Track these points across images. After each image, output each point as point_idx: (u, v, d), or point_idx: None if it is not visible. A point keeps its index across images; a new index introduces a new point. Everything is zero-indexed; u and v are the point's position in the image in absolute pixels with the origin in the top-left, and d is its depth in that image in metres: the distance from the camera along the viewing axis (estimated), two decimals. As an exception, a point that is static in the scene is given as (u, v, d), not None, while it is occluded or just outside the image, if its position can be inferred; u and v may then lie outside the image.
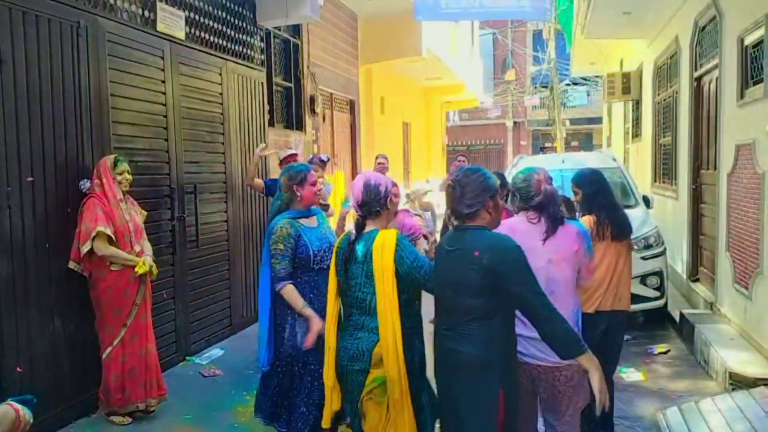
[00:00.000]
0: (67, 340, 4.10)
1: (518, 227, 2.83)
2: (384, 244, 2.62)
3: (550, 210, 2.80)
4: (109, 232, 3.94)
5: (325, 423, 2.86)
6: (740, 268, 5.10)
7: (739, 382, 4.27)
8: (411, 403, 2.63)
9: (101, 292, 4.02)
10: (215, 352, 5.62)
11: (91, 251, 3.93)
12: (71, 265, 4.01)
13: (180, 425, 4.19)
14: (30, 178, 3.84)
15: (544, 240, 2.76)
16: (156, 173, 5.03)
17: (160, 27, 5.12)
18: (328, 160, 6.86)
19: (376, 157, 8.01)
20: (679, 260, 7.33)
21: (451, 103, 20.14)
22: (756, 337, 4.71)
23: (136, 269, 4.05)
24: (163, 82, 5.13)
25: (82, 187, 4.13)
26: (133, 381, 4.12)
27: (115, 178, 4.11)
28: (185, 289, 5.37)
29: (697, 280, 6.71)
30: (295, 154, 6.04)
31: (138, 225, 4.22)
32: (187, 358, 5.36)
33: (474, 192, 2.46)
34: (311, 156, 6.77)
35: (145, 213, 4.44)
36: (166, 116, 5.14)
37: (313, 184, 3.45)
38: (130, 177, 4.19)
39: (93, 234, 3.89)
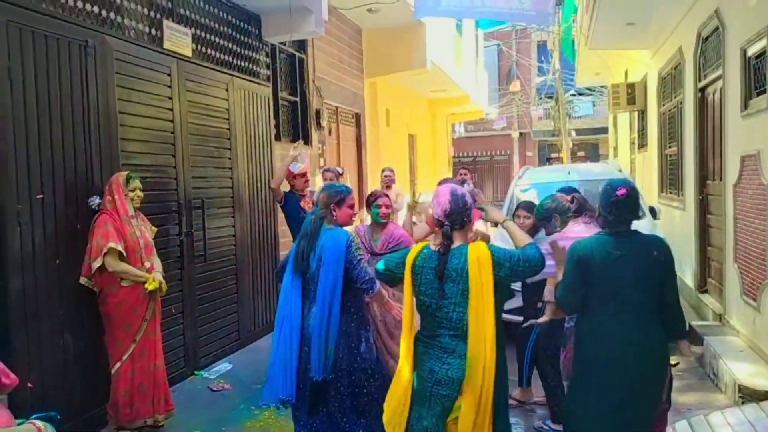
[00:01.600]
0: (77, 355, 4.13)
1: (579, 231, 3.40)
2: (480, 259, 2.57)
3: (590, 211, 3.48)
4: (120, 248, 3.98)
5: None
6: (748, 279, 5.08)
7: (748, 395, 4.24)
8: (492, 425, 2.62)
9: (111, 307, 4.05)
10: (223, 366, 5.63)
11: (102, 267, 3.96)
12: (82, 280, 4.04)
13: (188, 440, 4.20)
14: (40, 196, 3.89)
15: None
16: (164, 189, 5.08)
17: (167, 44, 5.19)
18: (343, 173, 6.91)
19: (383, 170, 8.04)
20: (687, 271, 7.30)
21: (456, 114, 20.17)
22: (765, 349, 4.68)
23: (146, 285, 4.08)
24: (171, 98, 5.19)
25: (91, 203, 4.18)
26: (142, 396, 4.13)
27: (128, 194, 4.16)
28: (194, 304, 5.39)
29: (706, 291, 6.68)
30: (306, 172, 6.09)
31: (148, 241, 4.26)
32: (195, 372, 5.37)
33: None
34: (326, 167, 6.79)
35: (156, 229, 4.48)
36: (173, 132, 5.20)
37: (351, 206, 3.48)
38: (141, 194, 4.25)
39: (104, 250, 3.93)
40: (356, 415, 3.39)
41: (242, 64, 6.41)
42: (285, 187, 5.82)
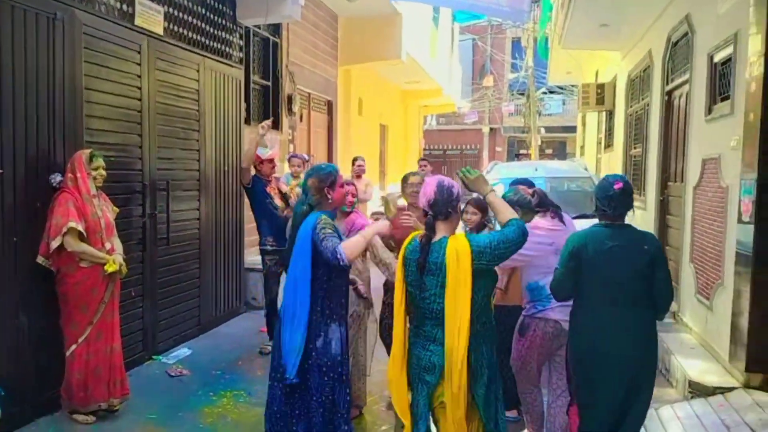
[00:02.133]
0: (32, 336, 4.04)
1: (547, 226, 3.57)
2: (458, 252, 2.61)
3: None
4: (80, 228, 3.89)
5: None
6: (702, 279, 5.24)
7: (698, 391, 4.38)
8: (475, 413, 2.72)
9: (69, 288, 3.97)
10: (183, 351, 5.58)
11: (61, 247, 3.87)
12: (39, 260, 3.95)
13: (144, 424, 4.15)
14: (-1, 171, 3.78)
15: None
16: (128, 169, 4.99)
17: (138, 21, 5.08)
18: (309, 159, 6.87)
19: (354, 159, 8.03)
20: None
21: (428, 107, 20.25)
22: (715, 346, 4.84)
23: (105, 267, 4.00)
24: (139, 77, 5.09)
25: (52, 181, 4.08)
26: (97, 380, 4.07)
27: (90, 173, 4.06)
28: (154, 287, 5.32)
29: (663, 289, 6.86)
30: (273, 158, 6.04)
31: (109, 222, 4.17)
32: (153, 357, 5.31)
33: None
34: (292, 154, 6.76)
35: (118, 210, 4.40)
36: (140, 111, 5.10)
37: (342, 185, 3.34)
38: (104, 173, 4.15)
39: (64, 230, 3.84)
40: (305, 417, 3.15)
41: (215, 45, 6.31)
42: (252, 171, 5.78)
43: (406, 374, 2.81)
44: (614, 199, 3.09)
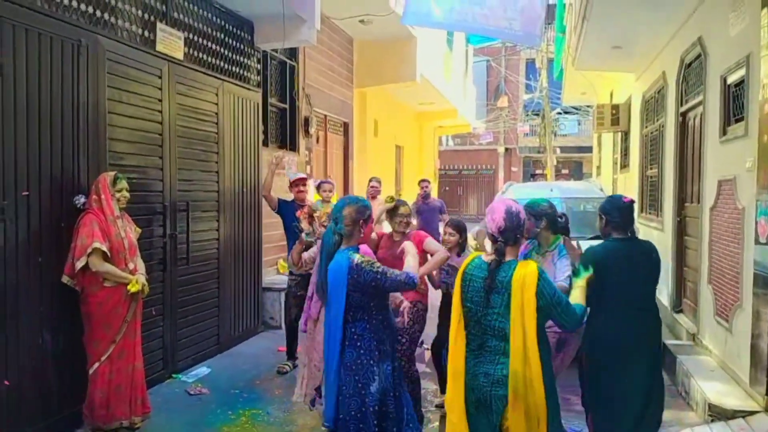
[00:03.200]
0: (55, 354, 4.11)
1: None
2: (525, 279, 2.65)
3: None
4: (105, 248, 3.98)
5: None
6: (721, 300, 5.20)
7: (718, 414, 4.33)
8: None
9: (92, 307, 4.05)
10: (202, 370, 5.63)
11: (85, 267, 3.96)
12: (64, 279, 4.04)
13: (164, 443, 4.19)
14: (25, 192, 3.89)
15: None
16: (150, 190, 5.09)
17: (159, 47, 5.22)
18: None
19: (369, 180, 8.10)
20: (663, 291, 7.43)
21: (443, 127, 20.35)
22: (735, 369, 4.79)
23: (129, 287, 4.08)
24: (160, 100, 5.22)
25: (76, 202, 4.18)
26: (119, 398, 4.12)
27: (114, 195, 4.16)
28: (174, 307, 5.40)
29: (681, 311, 6.80)
30: (305, 177, 6.15)
31: (132, 242, 4.26)
32: (173, 375, 5.37)
33: None
34: (321, 180, 6.82)
35: (140, 230, 4.49)
36: (161, 134, 5.22)
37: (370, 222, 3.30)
38: (128, 195, 4.25)
39: (89, 250, 3.92)
40: None
41: (233, 69, 6.45)
42: (284, 194, 5.89)
43: (464, 396, 2.78)
44: (624, 210, 3.56)
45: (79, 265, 3.94)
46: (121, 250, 4.13)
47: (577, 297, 2.99)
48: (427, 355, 5.66)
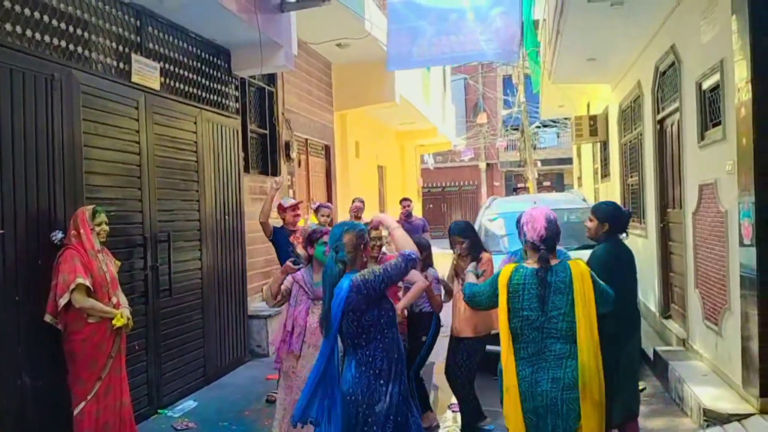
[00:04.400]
0: (37, 395, 3.99)
1: None
2: (583, 274, 2.86)
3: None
4: (88, 283, 3.89)
5: None
6: (709, 304, 5.20)
7: (713, 419, 4.30)
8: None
9: (76, 345, 3.94)
10: (189, 404, 5.50)
11: (68, 304, 3.86)
12: (47, 318, 3.92)
13: (152, 481, 4.07)
14: (0, 231, 3.80)
15: None
16: (129, 222, 5.02)
17: (134, 78, 5.18)
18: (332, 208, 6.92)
19: (353, 201, 8.06)
20: (651, 297, 7.44)
21: (425, 146, 20.44)
22: (728, 372, 4.78)
23: (113, 322, 3.98)
24: (137, 131, 5.17)
25: (53, 238, 4.10)
26: (108, 436, 4.00)
27: (94, 228, 4.08)
28: (158, 340, 5.29)
29: (669, 316, 6.81)
30: (300, 202, 6.11)
31: (114, 276, 4.17)
32: (159, 411, 5.24)
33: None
34: (319, 204, 6.75)
35: (120, 263, 4.40)
36: (139, 165, 5.16)
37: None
38: (107, 228, 4.17)
39: (72, 286, 3.83)
40: None
41: (211, 97, 6.42)
42: (277, 221, 5.80)
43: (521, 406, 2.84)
44: (626, 219, 3.96)
45: (63, 302, 3.84)
46: (104, 285, 4.04)
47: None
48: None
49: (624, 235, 4.04)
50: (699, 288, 5.49)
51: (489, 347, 5.61)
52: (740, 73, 4.32)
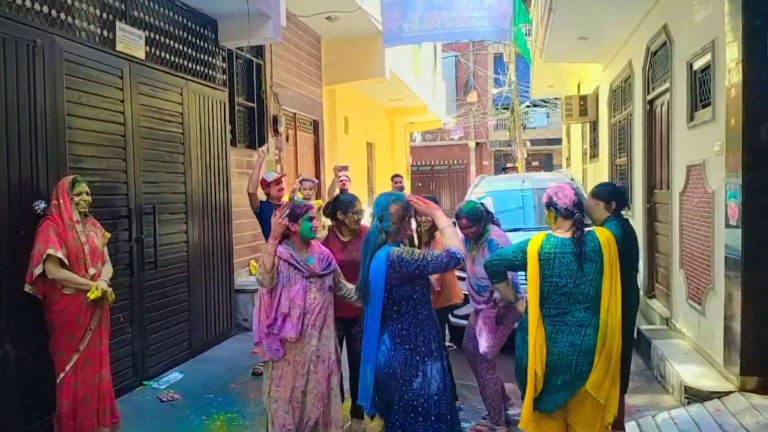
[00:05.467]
0: (20, 364, 3.96)
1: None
2: (609, 241, 3.06)
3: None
4: (60, 255, 3.82)
5: (522, 424, 3.11)
6: (693, 284, 5.25)
7: (694, 396, 4.37)
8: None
9: (54, 315, 3.91)
10: (174, 375, 5.49)
11: (44, 274, 3.81)
12: (26, 288, 3.87)
13: (137, 452, 4.07)
14: (-19, 200, 3.73)
15: None
16: (114, 194, 4.95)
17: (119, 47, 5.08)
18: (318, 182, 6.86)
19: (337, 169, 7.99)
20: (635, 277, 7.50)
21: (414, 123, 20.34)
22: (710, 351, 4.84)
23: (87, 294, 3.92)
24: (122, 101, 5.08)
25: (36, 208, 4.03)
26: (86, 408, 3.98)
27: (73, 199, 4.00)
28: (143, 312, 5.26)
29: (654, 296, 6.88)
30: (284, 175, 6.06)
31: (95, 247, 4.10)
32: (144, 382, 5.23)
33: None
34: (302, 177, 6.69)
35: (109, 235, 4.33)
36: (124, 136, 5.08)
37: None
38: (88, 198, 4.09)
39: (44, 257, 3.78)
40: None
41: (198, 68, 6.31)
42: (261, 195, 5.75)
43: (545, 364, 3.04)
44: (620, 192, 3.84)
45: (36, 272, 3.79)
46: (81, 256, 3.96)
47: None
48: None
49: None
50: (684, 268, 5.54)
51: (453, 319, 5.69)
52: (731, 53, 4.31)
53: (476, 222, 4.22)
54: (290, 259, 3.48)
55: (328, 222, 4.43)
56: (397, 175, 9.51)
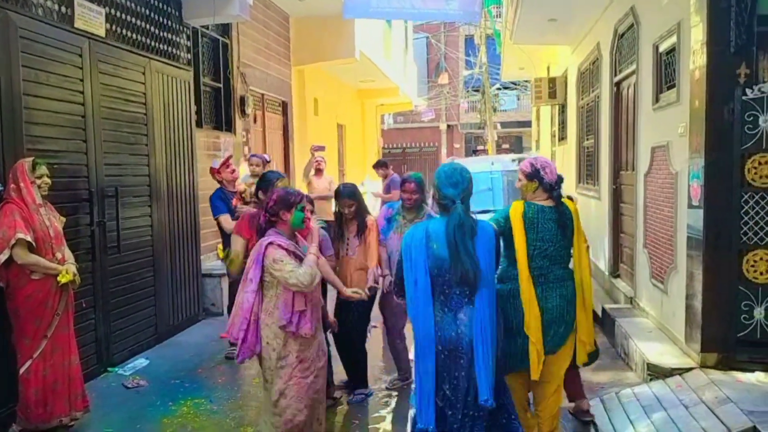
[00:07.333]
0: (-24, 354, 3.85)
1: None
2: (576, 211, 3.43)
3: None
4: (29, 239, 3.73)
5: (535, 375, 3.24)
6: (656, 264, 5.35)
7: (656, 373, 4.47)
8: None
9: (20, 302, 3.81)
10: (140, 362, 5.41)
11: (9, 260, 3.70)
12: None
13: (101, 439, 4.01)
14: (-69, 182, 3.59)
15: None
16: (74, 176, 4.81)
17: (78, 23, 4.90)
18: (270, 160, 6.74)
19: (313, 150, 7.92)
20: (601, 257, 7.62)
21: (385, 105, 20.24)
22: (671, 329, 4.95)
23: (59, 278, 3.85)
24: (82, 80, 4.92)
25: (-9, 191, 3.90)
26: (56, 394, 3.92)
27: (34, 182, 3.89)
28: (106, 297, 5.15)
29: (618, 276, 6.99)
30: (230, 156, 5.98)
31: (58, 231, 4.02)
32: (109, 369, 5.14)
33: None
34: (251, 154, 6.59)
35: (65, 219, 4.23)
36: (84, 116, 4.92)
37: None
38: (49, 181, 3.99)
39: (12, 242, 3.68)
40: None
41: (161, 46, 6.14)
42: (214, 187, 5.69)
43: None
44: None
45: (3, 258, 3.68)
46: (47, 240, 3.88)
47: None
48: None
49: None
50: (647, 248, 5.64)
51: None
52: (696, 35, 4.35)
53: (421, 191, 4.60)
54: (296, 250, 3.28)
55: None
56: (381, 166, 9.67)
